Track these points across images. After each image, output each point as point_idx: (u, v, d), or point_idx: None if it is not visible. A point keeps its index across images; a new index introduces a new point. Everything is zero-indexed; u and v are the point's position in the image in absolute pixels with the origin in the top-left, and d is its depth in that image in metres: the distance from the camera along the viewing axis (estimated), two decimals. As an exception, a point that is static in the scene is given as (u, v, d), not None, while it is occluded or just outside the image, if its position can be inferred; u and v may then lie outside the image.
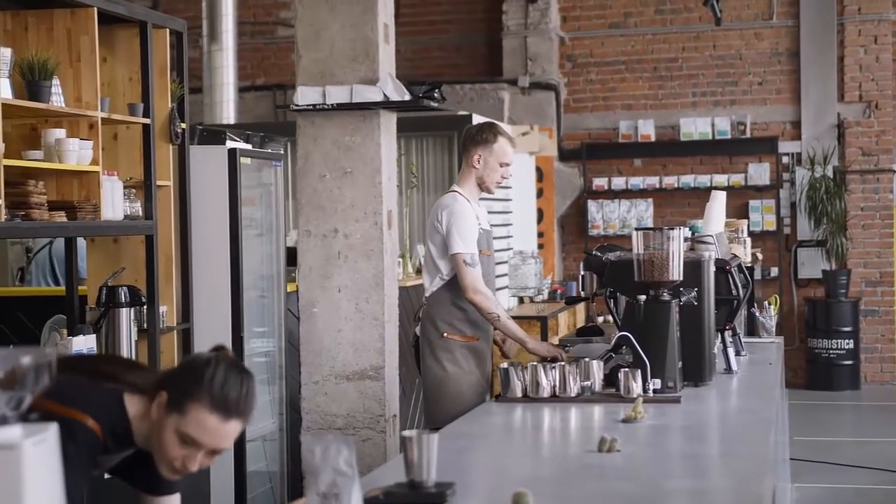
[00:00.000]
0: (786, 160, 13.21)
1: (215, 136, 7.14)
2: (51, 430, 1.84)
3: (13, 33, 5.48)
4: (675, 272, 4.55)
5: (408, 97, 5.68)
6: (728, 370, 5.17)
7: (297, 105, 5.73)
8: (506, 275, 10.27)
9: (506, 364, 4.55)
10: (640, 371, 4.38)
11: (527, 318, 9.21)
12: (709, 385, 4.75)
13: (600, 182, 13.41)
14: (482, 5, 13.95)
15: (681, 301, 4.64)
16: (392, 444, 5.76)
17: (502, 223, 10.54)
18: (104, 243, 6.11)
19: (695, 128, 13.22)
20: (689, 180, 13.18)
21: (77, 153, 5.32)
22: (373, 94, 5.65)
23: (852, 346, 12.72)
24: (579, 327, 6.73)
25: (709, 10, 11.01)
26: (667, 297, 4.57)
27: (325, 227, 5.78)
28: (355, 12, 5.71)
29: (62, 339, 5.49)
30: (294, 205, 6.66)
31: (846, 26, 13.08)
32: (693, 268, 4.72)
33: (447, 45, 14.05)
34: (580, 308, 10.68)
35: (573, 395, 4.39)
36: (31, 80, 5.13)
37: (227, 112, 11.59)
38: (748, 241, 7.09)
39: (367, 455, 5.67)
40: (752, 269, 6.41)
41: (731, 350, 5.23)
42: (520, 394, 4.42)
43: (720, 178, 13.03)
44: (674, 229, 4.59)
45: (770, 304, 6.73)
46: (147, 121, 5.94)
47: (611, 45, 13.59)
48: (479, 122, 6.01)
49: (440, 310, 5.50)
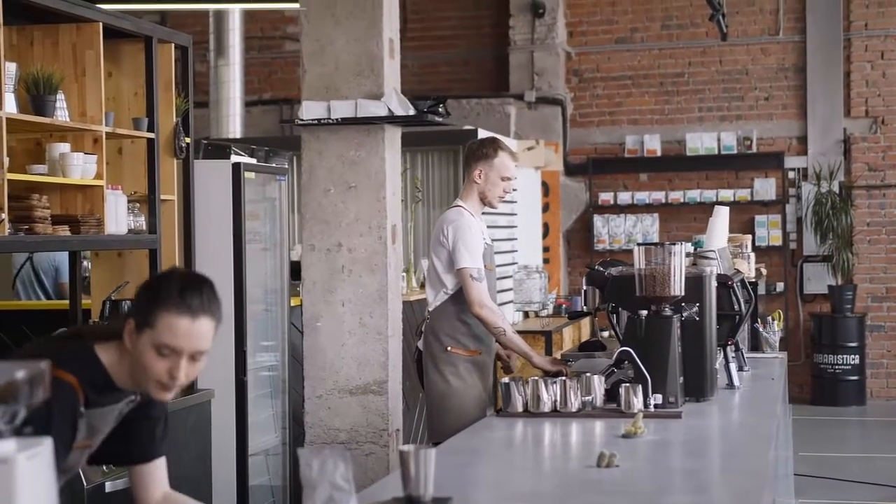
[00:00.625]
0: (792, 175, 13.21)
1: (220, 150, 7.17)
2: (44, 444, 1.85)
3: (19, 48, 5.51)
4: (677, 287, 4.55)
5: (412, 112, 5.69)
6: (730, 385, 5.16)
7: (302, 119, 5.74)
8: (511, 289, 10.27)
9: (507, 379, 4.56)
10: (641, 386, 4.38)
11: (531, 332, 9.21)
12: (710, 400, 4.75)
13: (606, 197, 13.41)
14: (489, 20, 13.98)
15: (682, 316, 4.64)
16: (395, 459, 5.76)
17: (507, 237, 10.55)
18: (108, 257, 6.12)
19: (701, 143, 13.23)
20: (694, 195, 13.18)
21: (81, 167, 5.34)
22: (377, 109, 5.66)
23: (858, 361, 12.70)
24: (582, 342, 6.73)
25: (715, 26, 11.02)
26: (668, 312, 4.57)
27: (329, 242, 5.78)
28: (360, 27, 5.73)
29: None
30: (298, 219, 6.67)
31: (853, 42, 13.09)
32: (695, 283, 4.71)
33: (454, 60, 14.08)
34: (585, 323, 10.68)
35: (574, 409, 4.39)
36: (36, 95, 5.16)
37: (234, 126, 11.63)
38: (752, 256, 7.08)
39: (370, 470, 5.67)
40: (755, 285, 6.40)
41: (733, 365, 5.23)
42: (521, 408, 4.43)
43: (726, 193, 13.03)
44: (675, 244, 4.60)
45: (773, 320, 6.72)
46: (152, 135, 5.96)
47: (617, 60, 13.61)
48: (482, 136, 6.03)
49: (444, 324, 5.52)
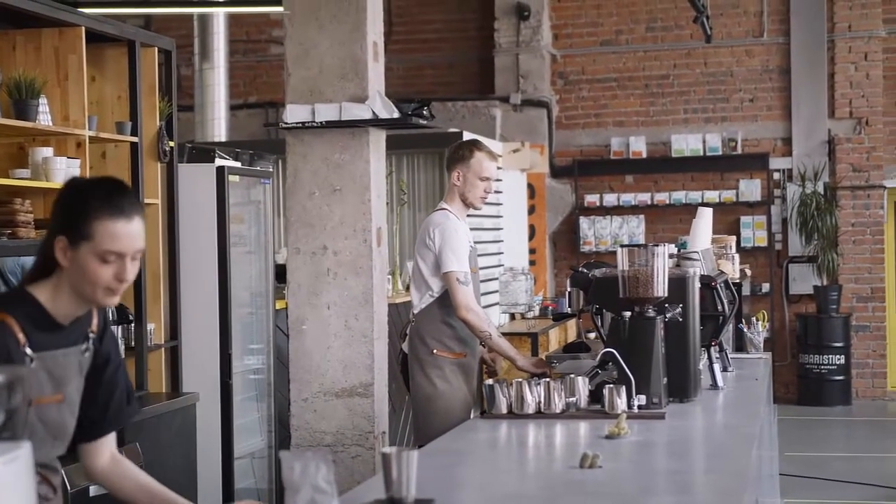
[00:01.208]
0: (777, 176, 13.25)
1: (205, 153, 7.16)
2: (23, 449, 1.85)
3: (1, 52, 5.51)
4: (660, 289, 4.56)
5: (397, 115, 5.69)
6: (714, 386, 5.17)
7: (286, 123, 5.74)
8: (496, 291, 10.28)
9: (491, 380, 4.56)
10: (625, 387, 4.39)
11: (517, 334, 9.22)
12: (694, 401, 4.76)
13: (592, 198, 13.43)
14: (474, 23, 14.00)
15: (666, 317, 4.65)
16: (380, 461, 5.76)
17: (493, 239, 10.56)
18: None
19: (686, 144, 13.26)
20: (680, 196, 13.21)
21: (64, 171, 5.34)
22: (362, 112, 5.66)
23: (843, 361, 12.74)
24: (566, 343, 6.73)
25: (699, 28, 11.04)
26: (652, 313, 4.58)
27: (314, 245, 5.78)
28: (344, 31, 5.73)
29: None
30: (283, 222, 6.67)
31: (836, 43, 13.13)
32: (678, 284, 4.72)
33: (440, 63, 14.09)
34: (571, 324, 10.69)
35: (558, 411, 4.39)
36: (19, 99, 5.15)
37: (219, 130, 11.61)
38: (737, 256, 7.10)
39: (356, 472, 5.67)
40: (739, 286, 6.42)
41: (717, 366, 5.24)
42: (505, 410, 4.43)
43: (711, 195, 13.06)
44: (658, 246, 4.60)
45: (758, 320, 6.73)
46: (135, 139, 5.95)
47: (602, 63, 13.64)
48: (459, 141, 6.06)
49: (429, 327, 5.54)
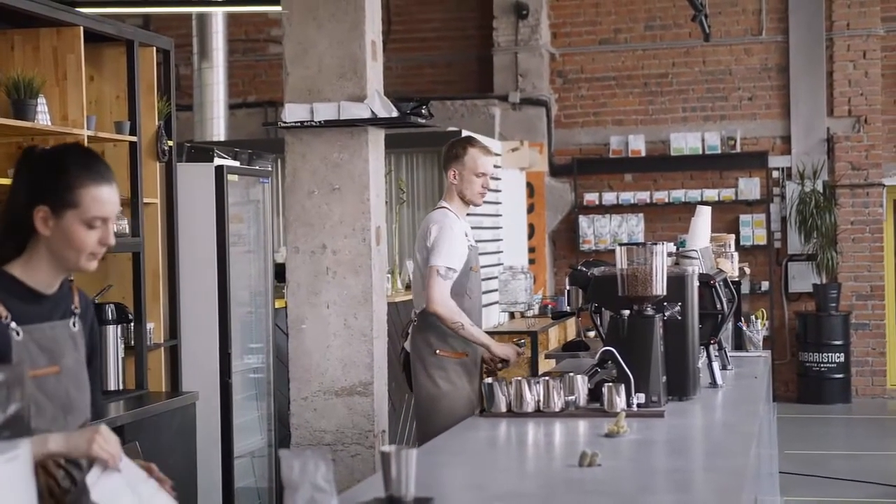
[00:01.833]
0: (776, 175, 13.25)
1: (203, 153, 7.16)
2: (23, 448, 1.85)
3: (-1, 52, 5.51)
4: (659, 287, 4.56)
5: (395, 114, 5.70)
6: (713, 384, 5.17)
7: (285, 122, 5.75)
8: (496, 290, 10.29)
9: (490, 379, 4.56)
10: (624, 386, 4.39)
11: (517, 332, 9.23)
12: (693, 399, 4.76)
13: (591, 197, 13.43)
14: (473, 22, 14.00)
15: (665, 316, 4.65)
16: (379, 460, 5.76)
17: (492, 238, 10.57)
18: (91, 261, 6.10)
19: (685, 143, 13.26)
20: (679, 195, 13.21)
21: (64, 171, 5.33)
22: (360, 111, 5.66)
23: (843, 359, 12.74)
24: (565, 342, 6.74)
25: (698, 26, 11.04)
26: (650, 311, 4.58)
27: (313, 244, 5.79)
28: (343, 30, 5.73)
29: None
30: (282, 221, 6.67)
31: (835, 41, 13.13)
32: (677, 282, 4.72)
33: (438, 62, 14.09)
34: (571, 323, 10.70)
35: (557, 409, 4.39)
36: (17, 99, 5.16)
37: (218, 129, 11.61)
38: (735, 255, 7.09)
39: (356, 471, 5.68)
40: (738, 284, 6.41)
41: (716, 364, 5.24)
42: (504, 408, 4.43)
43: (710, 193, 13.06)
44: (657, 244, 4.60)
45: (757, 319, 6.74)
46: (134, 139, 5.95)
47: (601, 61, 13.64)
48: (453, 139, 6.05)
49: (432, 326, 5.54)
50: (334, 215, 5.77)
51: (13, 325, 2.81)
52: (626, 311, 4.56)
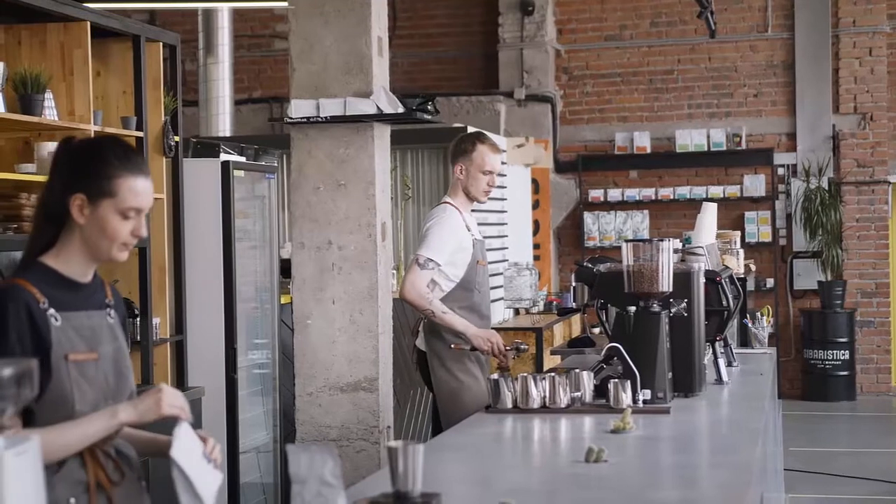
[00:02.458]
0: (781, 172, 13.24)
1: (210, 148, 7.17)
2: (32, 441, 1.86)
3: (6, 47, 5.51)
4: (665, 283, 4.56)
5: (401, 110, 5.69)
6: (719, 381, 5.17)
7: (291, 118, 5.74)
8: (501, 286, 10.28)
9: (496, 375, 4.56)
10: (630, 382, 4.39)
11: (522, 329, 9.22)
12: (699, 396, 4.76)
13: (596, 194, 13.43)
14: (479, 18, 13.99)
15: (671, 312, 4.65)
16: (386, 456, 5.76)
17: (498, 234, 10.56)
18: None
19: (690, 139, 13.25)
20: (684, 192, 13.21)
21: (70, 166, 5.34)
22: (366, 107, 5.65)
23: (848, 356, 12.73)
24: (571, 338, 6.74)
25: (704, 23, 11.03)
26: (657, 308, 4.58)
27: (318, 240, 5.78)
28: (349, 25, 5.72)
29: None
30: (288, 217, 6.67)
31: (841, 38, 13.12)
32: (683, 279, 4.72)
33: (444, 58, 14.09)
34: (576, 319, 10.70)
35: (563, 405, 4.39)
36: (24, 94, 5.16)
37: (223, 125, 11.60)
38: (741, 252, 7.10)
39: (361, 466, 5.67)
40: (744, 281, 6.42)
41: (721, 361, 5.24)
42: (510, 404, 4.43)
43: (716, 190, 13.06)
44: (663, 240, 4.60)
45: (762, 315, 6.73)
46: (140, 134, 5.96)
47: (606, 58, 13.63)
48: (462, 134, 6.05)
49: None
50: (340, 211, 5.76)
51: (52, 311, 2.84)
52: (633, 308, 4.56)
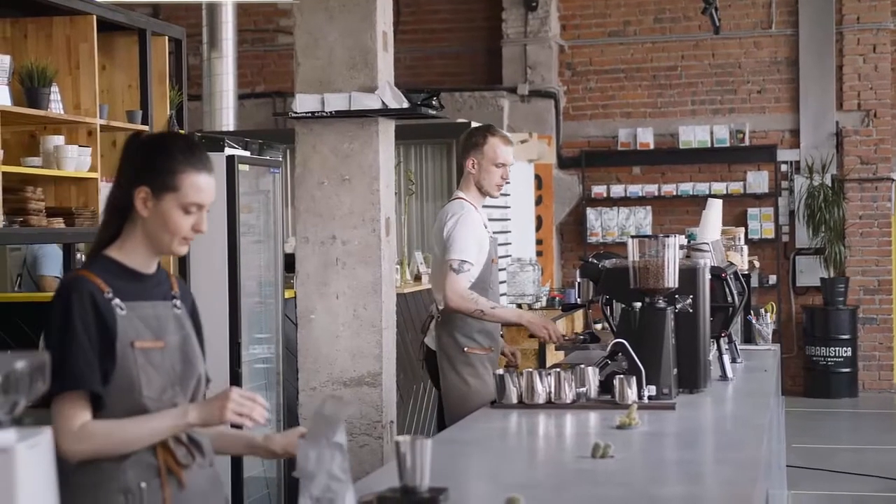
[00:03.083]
0: (784, 168, 13.24)
1: (214, 142, 7.14)
2: (44, 434, 1.86)
3: (12, 40, 5.52)
4: (671, 279, 4.56)
5: (406, 105, 5.68)
6: (723, 377, 5.17)
7: (296, 112, 5.73)
8: (504, 282, 10.28)
9: (501, 370, 4.56)
10: (635, 378, 4.39)
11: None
12: (704, 392, 4.76)
13: (599, 190, 13.43)
14: (482, 14, 13.99)
15: (676, 308, 4.65)
16: (389, 451, 5.77)
17: (501, 230, 10.56)
18: (102, 250, 6.12)
19: (693, 136, 13.25)
20: (687, 188, 13.21)
21: (76, 160, 5.35)
22: (371, 102, 5.65)
23: (850, 353, 12.74)
24: (577, 334, 6.72)
25: (708, 19, 11.03)
26: (662, 304, 4.57)
27: (323, 234, 5.78)
28: (354, 20, 5.72)
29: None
30: (292, 211, 6.67)
31: (845, 35, 13.11)
32: (688, 275, 4.72)
33: (447, 54, 14.09)
34: (579, 315, 10.69)
35: (568, 401, 4.39)
36: (31, 87, 5.16)
37: (227, 119, 11.61)
38: (745, 248, 7.10)
39: (364, 461, 5.67)
40: (748, 277, 6.42)
41: (726, 357, 5.24)
42: (515, 400, 4.43)
43: (719, 186, 13.06)
44: (669, 237, 4.60)
45: (766, 312, 6.74)
46: (146, 128, 5.96)
47: (610, 54, 13.63)
48: (473, 127, 5.99)
49: (458, 322, 5.45)
50: (344, 206, 5.75)
51: (116, 300, 2.90)
52: (638, 304, 4.56)
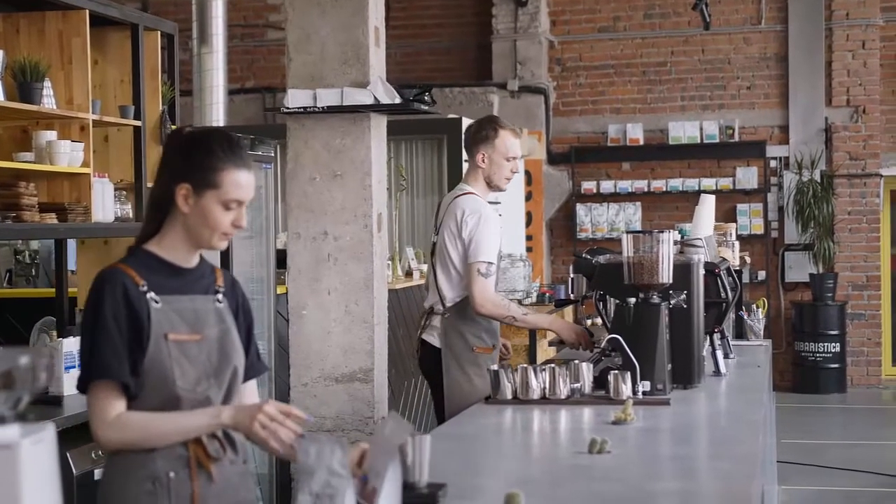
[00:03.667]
0: (774, 164, 13.26)
1: (205, 138, 7.13)
2: (48, 430, 1.85)
3: (5, 35, 5.49)
4: (665, 275, 4.57)
5: (398, 100, 5.67)
6: (717, 373, 5.18)
7: (288, 108, 5.73)
8: (495, 277, 10.28)
9: (496, 366, 4.56)
10: (629, 373, 4.40)
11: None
12: (698, 387, 4.77)
13: (589, 185, 13.44)
14: (472, 9, 13.98)
15: (670, 304, 4.65)
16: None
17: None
18: (94, 245, 6.11)
19: (683, 132, 13.26)
20: (677, 184, 13.22)
21: (68, 155, 5.33)
22: (363, 97, 5.64)
23: (839, 349, 12.77)
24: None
25: (698, 15, 11.05)
26: (656, 299, 4.58)
27: (314, 230, 5.77)
28: (346, 15, 5.71)
29: (51, 341, 5.47)
30: (284, 207, 6.66)
31: (834, 31, 13.14)
32: (683, 271, 4.73)
33: (437, 49, 14.08)
34: (567, 311, 10.71)
35: (563, 397, 4.40)
36: (23, 82, 5.14)
37: (217, 114, 11.51)
38: (736, 244, 7.11)
39: (356, 457, 5.67)
40: (740, 273, 6.43)
41: (719, 353, 5.25)
42: (510, 396, 4.43)
43: (708, 182, 13.07)
44: (664, 232, 4.61)
45: (758, 308, 6.75)
46: (138, 123, 5.94)
47: (600, 49, 13.63)
48: (479, 119, 5.84)
49: (467, 321, 5.35)
50: (336, 201, 5.75)
51: (151, 294, 2.95)
52: (633, 299, 4.57)
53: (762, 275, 13.10)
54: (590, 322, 8.67)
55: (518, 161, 5.50)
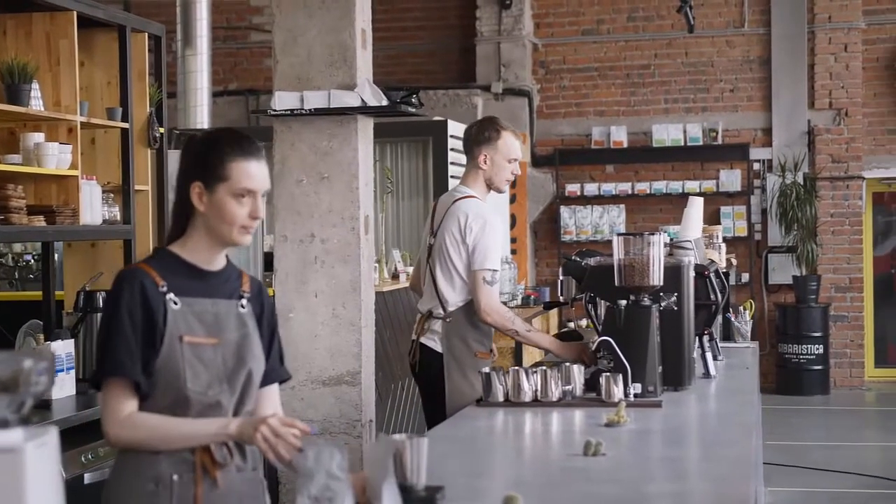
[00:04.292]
0: (757, 167, 13.31)
1: (191, 140, 7.11)
2: (51, 434, 1.84)
3: (-8, 36, 5.47)
4: (656, 277, 4.57)
5: (385, 102, 5.67)
6: (706, 375, 5.19)
7: (275, 110, 5.71)
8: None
9: (487, 368, 4.56)
10: (620, 376, 4.40)
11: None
12: (688, 389, 4.77)
13: (573, 188, 13.46)
14: (455, 11, 13.98)
15: (661, 306, 4.66)
16: (369, 450, 5.75)
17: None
18: (82, 248, 6.08)
19: (667, 134, 13.29)
20: (661, 186, 13.25)
21: (56, 157, 5.31)
22: (350, 100, 5.63)
23: (822, 351, 12.81)
24: (556, 332, 6.73)
25: (681, 18, 11.06)
26: (647, 302, 4.59)
27: (301, 232, 5.76)
28: (333, 17, 5.71)
29: (38, 344, 5.44)
30: (270, 210, 6.64)
31: (817, 34, 13.19)
32: (673, 273, 4.73)
33: (420, 51, 14.07)
34: (552, 313, 10.71)
35: (555, 399, 4.39)
36: (11, 84, 5.12)
37: (202, 117, 11.52)
38: (723, 246, 7.13)
39: (344, 460, 5.65)
40: (727, 275, 6.45)
41: (709, 355, 5.25)
42: (501, 398, 4.43)
43: (692, 185, 13.11)
44: (654, 234, 4.61)
45: (745, 310, 6.77)
46: (125, 125, 5.92)
47: (583, 52, 13.65)
48: (480, 119, 5.75)
49: (470, 327, 5.25)
50: (323, 204, 5.74)
51: (171, 295, 2.96)
52: (623, 302, 4.57)
53: (746, 277, 13.14)
54: (572, 324, 8.70)
55: (518, 163, 5.43)
